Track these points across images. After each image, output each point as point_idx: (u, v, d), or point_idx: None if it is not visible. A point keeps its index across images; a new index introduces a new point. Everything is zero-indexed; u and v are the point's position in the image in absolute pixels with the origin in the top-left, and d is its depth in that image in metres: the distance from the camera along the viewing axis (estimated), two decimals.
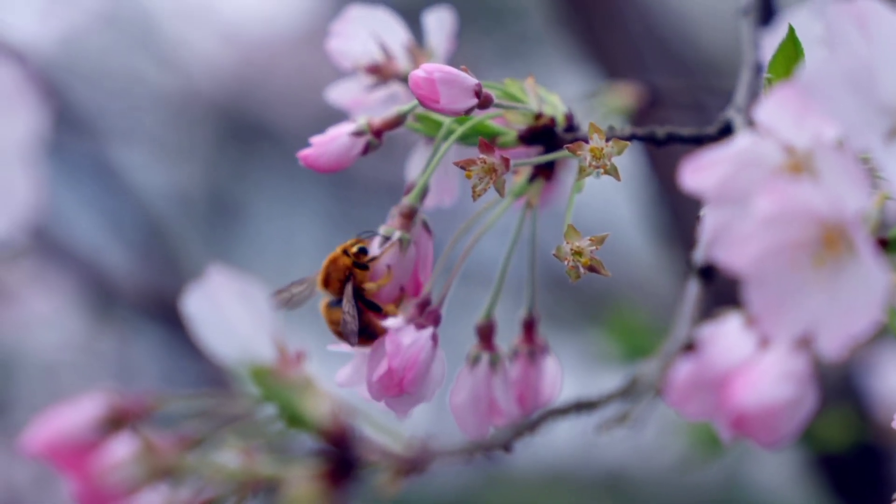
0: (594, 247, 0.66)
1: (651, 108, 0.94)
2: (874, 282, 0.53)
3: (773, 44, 0.66)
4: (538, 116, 0.69)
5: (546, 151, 0.70)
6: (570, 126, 0.70)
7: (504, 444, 0.58)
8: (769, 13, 0.77)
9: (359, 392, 0.69)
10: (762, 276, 0.55)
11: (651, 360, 0.57)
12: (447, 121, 0.69)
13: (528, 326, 0.72)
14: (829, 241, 0.54)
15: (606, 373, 1.35)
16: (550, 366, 0.71)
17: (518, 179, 0.71)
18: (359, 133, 0.69)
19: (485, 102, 0.67)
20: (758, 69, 0.70)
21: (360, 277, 0.69)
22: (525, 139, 0.70)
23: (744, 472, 2.26)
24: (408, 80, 0.67)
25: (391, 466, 0.54)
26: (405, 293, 0.70)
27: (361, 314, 0.69)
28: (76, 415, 0.56)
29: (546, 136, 0.70)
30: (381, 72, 0.73)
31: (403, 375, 0.66)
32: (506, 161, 0.67)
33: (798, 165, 0.56)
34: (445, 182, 0.72)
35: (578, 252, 0.66)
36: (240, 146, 2.77)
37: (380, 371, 0.67)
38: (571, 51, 1.45)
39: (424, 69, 0.67)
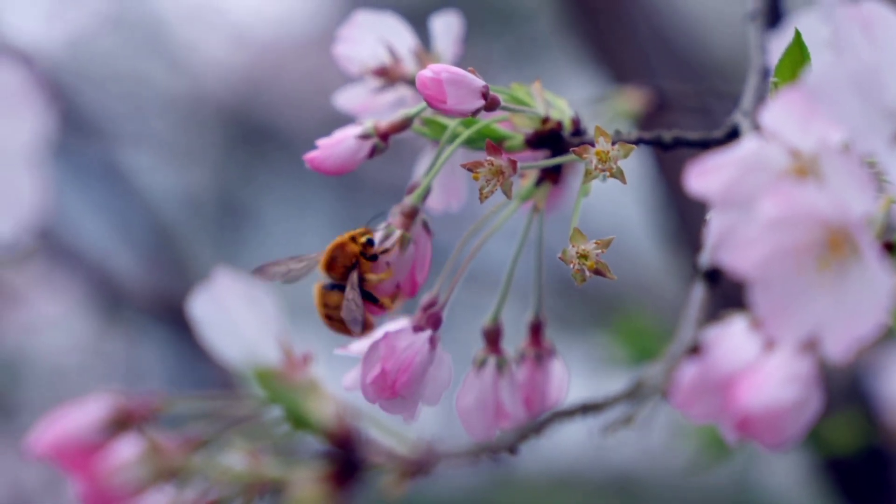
0: (600, 250, 0.66)
1: (658, 112, 0.94)
2: (879, 285, 0.53)
3: (780, 48, 0.66)
4: (545, 120, 0.69)
5: (553, 155, 0.70)
6: (577, 130, 0.70)
7: (510, 447, 0.58)
8: (776, 17, 0.77)
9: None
10: (767, 279, 0.55)
11: (657, 363, 0.57)
12: (453, 123, 0.69)
13: (535, 330, 0.72)
14: (835, 245, 0.54)
15: (615, 376, 1.35)
16: (557, 369, 0.71)
17: (525, 183, 0.71)
18: (365, 136, 0.69)
19: (491, 104, 0.67)
20: (765, 73, 0.70)
21: (365, 267, 0.69)
22: (532, 143, 0.70)
23: (753, 475, 2.25)
24: (415, 83, 0.67)
25: (396, 468, 0.54)
26: (400, 290, 0.70)
27: (360, 297, 0.69)
28: (82, 416, 0.56)
29: (553, 140, 0.70)
30: (389, 75, 0.73)
31: (396, 378, 0.66)
32: (513, 163, 0.67)
33: (803, 169, 0.56)
34: (453, 186, 0.72)
35: (584, 255, 0.66)
36: (248, 149, 2.77)
37: (373, 373, 0.67)
38: (579, 55, 1.45)
39: (432, 69, 0.66)
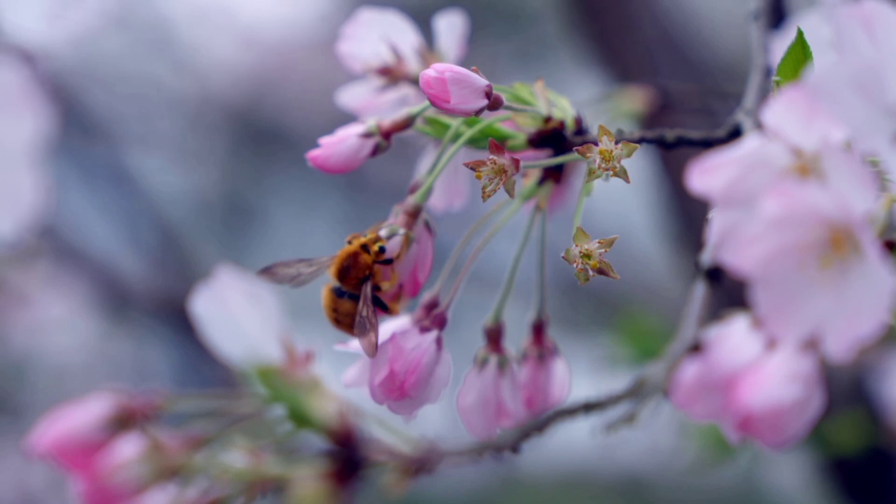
0: (603, 249, 0.66)
1: (662, 112, 0.94)
2: (881, 284, 0.53)
3: (783, 47, 0.66)
4: (547, 120, 0.69)
5: (555, 154, 0.70)
6: (580, 129, 0.70)
7: (511, 446, 0.58)
8: (779, 17, 0.77)
9: (366, 393, 0.69)
10: (769, 278, 0.55)
11: (658, 362, 0.57)
12: (456, 122, 0.69)
13: (538, 329, 0.72)
14: (836, 243, 0.54)
15: (621, 376, 1.35)
16: (559, 368, 0.71)
17: (528, 182, 0.71)
18: (368, 135, 0.69)
19: (495, 104, 0.67)
20: (767, 72, 0.70)
21: (377, 277, 0.69)
22: (534, 142, 0.70)
23: (761, 475, 2.25)
24: (418, 82, 0.67)
25: (397, 467, 0.54)
26: (403, 291, 0.70)
27: (375, 313, 0.69)
28: (83, 415, 0.56)
29: (555, 140, 0.70)
30: (392, 74, 0.73)
31: (405, 379, 0.66)
32: (515, 162, 0.67)
33: (805, 168, 0.56)
34: (455, 185, 0.72)
35: (587, 255, 0.66)
36: (256, 150, 2.77)
37: (381, 374, 0.67)
38: (585, 55, 1.45)
39: (436, 69, 0.66)
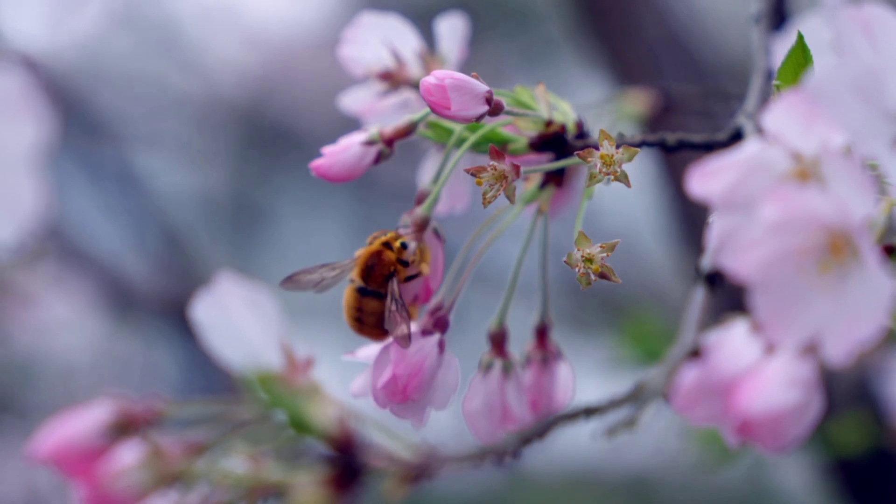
0: (605, 254, 0.66)
1: (664, 114, 0.94)
2: (880, 288, 0.53)
3: (784, 50, 0.66)
4: (549, 123, 0.69)
5: (557, 158, 0.70)
6: (581, 133, 0.70)
7: (513, 451, 0.58)
8: (781, 19, 0.77)
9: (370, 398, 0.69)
10: (768, 283, 0.55)
11: (658, 367, 0.57)
12: (458, 128, 0.69)
13: (541, 332, 0.72)
14: (835, 248, 0.54)
15: (629, 376, 1.35)
16: (563, 371, 0.71)
17: (529, 186, 0.71)
18: (370, 142, 0.69)
19: (496, 109, 0.67)
20: (769, 75, 0.70)
21: (401, 274, 0.70)
22: (536, 146, 0.70)
23: (767, 475, 2.25)
24: (419, 87, 0.67)
25: (397, 472, 0.55)
26: (417, 298, 0.71)
27: (404, 307, 0.69)
28: (84, 421, 0.56)
29: (557, 143, 0.70)
30: (393, 78, 0.73)
31: (407, 382, 0.67)
32: (516, 167, 0.67)
33: (805, 172, 0.56)
34: (457, 189, 0.72)
35: (589, 259, 0.66)
36: (263, 150, 2.77)
37: (384, 378, 0.67)
38: (589, 56, 1.44)
39: (435, 76, 0.66)
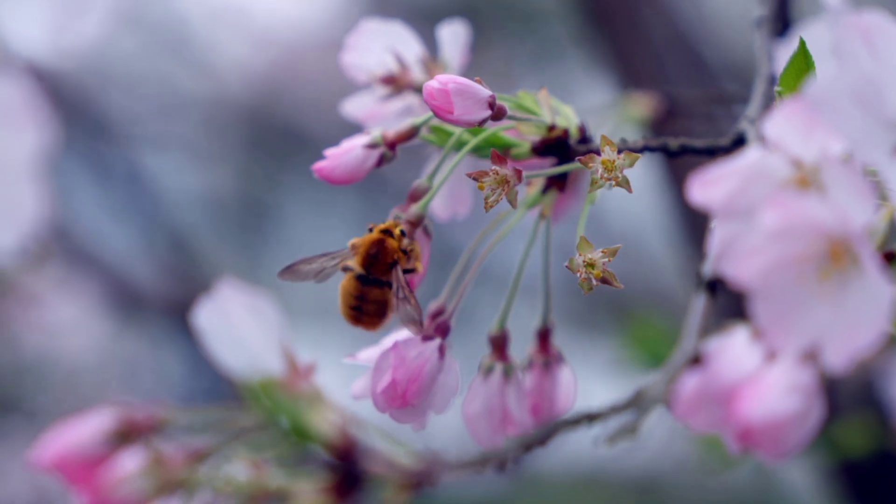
0: (607, 259, 0.66)
1: (669, 118, 0.94)
2: (880, 295, 0.53)
3: (787, 55, 0.66)
4: (551, 128, 0.70)
5: (559, 163, 0.70)
6: (584, 138, 0.70)
7: (514, 458, 0.58)
8: (785, 23, 0.77)
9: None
10: (769, 290, 0.55)
11: (659, 373, 0.57)
12: (458, 131, 0.69)
13: (543, 336, 0.72)
14: (836, 256, 0.54)
15: (638, 377, 1.35)
16: (565, 376, 0.71)
17: (532, 191, 0.71)
18: (373, 145, 0.70)
19: (498, 114, 0.67)
20: (772, 81, 0.70)
21: (403, 262, 0.70)
22: (538, 151, 0.70)
23: (778, 475, 2.25)
24: (422, 92, 0.67)
25: (397, 480, 0.55)
26: None
27: (412, 293, 0.69)
28: (85, 429, 0.56)
29: (559, 148, 0.70)
30: (396, 82, 0.73)
31: (407, 387, 0.67)
32: (518, 172, 0.67)
33: (805, 179, 0.56)
34: (459, 193, 0.73)
35: (591, 264, 0.66)
36: (271, 151, 2.77)
37: (383, 383, 0.67)
38: (596, 59, 1.44)
39: (439, 80, 0.67)
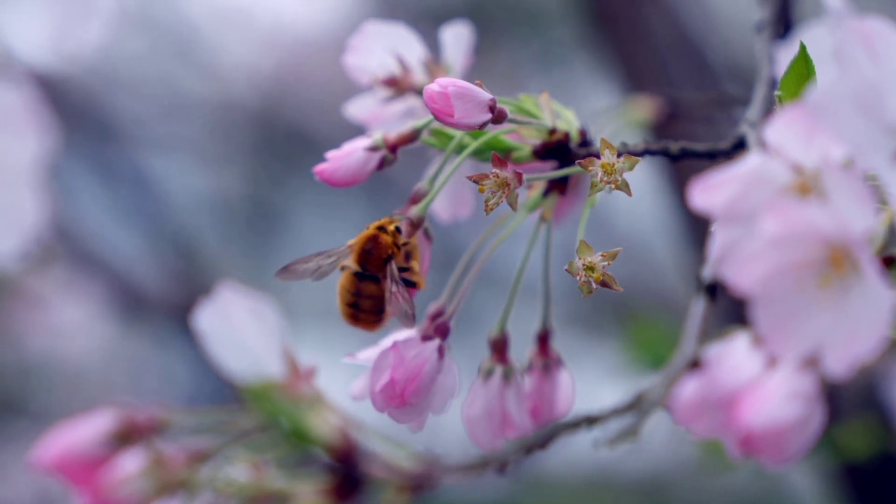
0: (606, 262, 0.66)
1: (671, 121, 0.94)
2: (880, 301, 0.53)
3: (788, 59, 0.66)
4: (552, 132, 0.70)
5: (560, 166, 0.70)
6: (585, 141, 0.70)
7: (515, 460, 0.58)
8: (786, 27, 0.77)
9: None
10: (769, 296, 0.55)
11: (658, 377, 0.58)
12: (459, 135, 0.69)
13: (543, 339, 0.72)
14: (836, 262, 0.55)
15: (642, 379, 1.35)
16: (564, 379, 0.71)
17: (533, 194, 0.71)
18: (374, 148, 0.70)
19: (499, 117, 0.68)
20: (773, 84, 0.70)
21: (398, 258, 0.70)
22: (539, 154, 0.70)
23: (780, 477, 2.24)
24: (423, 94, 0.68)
25: (397, 482, 0.55)
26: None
27: (405, 288, 0.69)
28: (86, 430, 0.56)
29: (560, 152, 0.70)
30: (398, 84, 0.74)
31: (405, 387, 0.67)
32: (518, 175, 0.67)
33: (806, 185, 0.56)
34: (460, 196, 0.73)
35: (591, 267, 0.66)
36: (278, 153, 2.77)
37: (382, 381, 0.67)
38: (600, 62, 1.44)
39: (439, 83, 0.67)
